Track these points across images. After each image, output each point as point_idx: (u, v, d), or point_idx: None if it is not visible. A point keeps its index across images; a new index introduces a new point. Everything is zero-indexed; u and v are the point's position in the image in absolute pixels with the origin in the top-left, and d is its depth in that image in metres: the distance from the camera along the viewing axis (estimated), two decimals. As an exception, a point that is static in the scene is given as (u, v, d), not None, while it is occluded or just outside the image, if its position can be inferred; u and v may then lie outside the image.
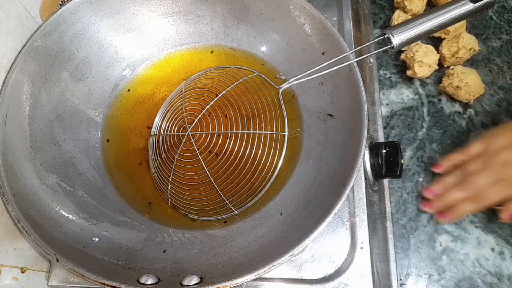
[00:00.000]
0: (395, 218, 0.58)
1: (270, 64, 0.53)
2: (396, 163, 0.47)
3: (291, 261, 0.46)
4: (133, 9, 0.52)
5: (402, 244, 0.57)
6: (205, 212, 0.47)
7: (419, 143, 0.64)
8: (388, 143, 0.49)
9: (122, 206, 0.48)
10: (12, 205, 0.39)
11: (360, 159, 0.38)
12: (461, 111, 0.65)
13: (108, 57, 0.53)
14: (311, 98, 0.50)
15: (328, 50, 0.46)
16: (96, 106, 0.53)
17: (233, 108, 0.50)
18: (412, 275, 0.56)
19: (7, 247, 0.42)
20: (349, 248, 0.46)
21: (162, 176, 0.48)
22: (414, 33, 0.39)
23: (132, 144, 0.52)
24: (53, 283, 0.47)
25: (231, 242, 0.44)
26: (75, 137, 0.50)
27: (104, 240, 0.43)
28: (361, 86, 0.42)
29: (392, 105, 0.67)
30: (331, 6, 0.61)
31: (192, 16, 0.54)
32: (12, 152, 0.42)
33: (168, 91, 0.55)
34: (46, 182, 0.44)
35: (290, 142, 0.48)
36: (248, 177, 0.46)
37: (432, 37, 0.66)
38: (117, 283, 0.35)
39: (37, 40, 0.45)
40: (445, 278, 0.55)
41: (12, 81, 0.43)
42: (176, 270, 0.40)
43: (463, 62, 0.65)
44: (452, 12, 0.39)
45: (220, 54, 0.55)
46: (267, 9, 0.50)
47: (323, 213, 0.37)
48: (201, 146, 0.49)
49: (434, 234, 0.58)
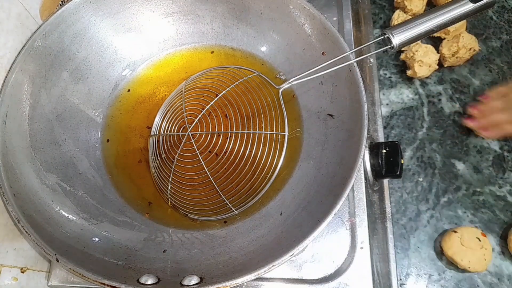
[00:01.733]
0: (395, 218, 0.58)
1: (270, 64, 0.53)
2: (396, 163, 0.47)
3: (291, 261, 0.46)
4: (133, 9, 0.52)
5: (402, 244, 0.57)
6: (205, 212, 0.47)
7: (419, 143, 0.64)
8: (388, 143, 0.49)
9: (122, 206, 0.48)
10: (12, 205, 0.39)
11: (360, 159, 0.38)
12: (461, 111, 0.65)
13: (108, 57, 0.53)
14: (311, 98, 0.50)
15: (328, 50, 0.46)
16: (96, 106, 0.53)
17: (233, 108, 0.50)
18: (412, 275, 0.56)
19: (7, 247, 0.42)
20: (349, 248, 0.46)
21: (162, 176, 0.48)
22: (414, 33, 0.39)
23: (132, 144, 0.52)
24: (53, 283, 0.47)
25: (231, 242, 0.44)
26: (75, 137, 0.50)
27: (104, 240, 0.43)
28: (361, 86, 0.42)
29: (392, 105, 0.67)
30: (331, 6, 0.61)
31: (192, 16, 0.54)
32: (12, 152, 0.42)
33: (168, 91, 0.55)
34: (46, 182, 0.44)
35: (290, 142, 0.48)
36: (248, 177, 0.46)
37: (432, 37, 0.66)
38: (117, 283, 0.35)
39: (37, 40, 0.45)
40: (445, 278, 0.55)
41: (12, 81, 0.43)
42: (176, 270, 0.40)
43: (463, 62, 0.65)
44: (452, 12, 0.39)
45: (220, 54, 0.55)
46: (267, 9, 0.50)
47: (323, 213, 0.37)
48: (201, 146, 0.49)
49: (434, 234, 0.58)
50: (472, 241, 0.54)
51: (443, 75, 0.64)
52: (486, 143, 0.63)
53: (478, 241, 0.54)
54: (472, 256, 0.53)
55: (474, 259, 0.53)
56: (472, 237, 0.54)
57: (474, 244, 0.53)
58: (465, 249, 0.53)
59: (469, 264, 0.53)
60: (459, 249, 0.53)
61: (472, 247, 0.53)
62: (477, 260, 0.53)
